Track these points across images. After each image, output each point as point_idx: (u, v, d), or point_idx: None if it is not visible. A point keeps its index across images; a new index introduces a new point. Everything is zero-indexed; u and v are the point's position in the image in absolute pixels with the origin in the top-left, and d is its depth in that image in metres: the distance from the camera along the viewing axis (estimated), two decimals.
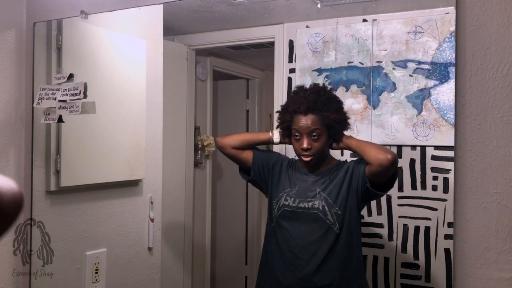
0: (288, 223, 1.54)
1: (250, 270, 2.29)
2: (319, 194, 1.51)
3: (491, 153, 1.18)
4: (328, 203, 1.49)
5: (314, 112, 1.49)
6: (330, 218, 1.48)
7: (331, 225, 1.48)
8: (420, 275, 1.53)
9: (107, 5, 1.74)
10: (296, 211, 1.52)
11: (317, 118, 1.49)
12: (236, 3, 1.81)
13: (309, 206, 1.51)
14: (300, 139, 1.51)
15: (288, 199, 1.55)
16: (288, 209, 1.54)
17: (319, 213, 1.49)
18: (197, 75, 2.14)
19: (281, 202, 1.56)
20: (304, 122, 1.50)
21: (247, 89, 2.31)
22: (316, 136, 1.49)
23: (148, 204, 1.97)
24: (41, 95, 1.76)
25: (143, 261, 1.98)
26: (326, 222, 1.48)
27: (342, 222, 1.48)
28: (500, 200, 1.18)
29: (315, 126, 1.49)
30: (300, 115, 1.51)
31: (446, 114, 1.49)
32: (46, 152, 1.82)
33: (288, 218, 1.54)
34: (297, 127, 1.51)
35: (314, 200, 1.51)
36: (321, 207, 1.49)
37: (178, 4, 1.67)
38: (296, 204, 1.53)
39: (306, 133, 1.50)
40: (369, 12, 1.63)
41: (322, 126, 1.49)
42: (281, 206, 1.55)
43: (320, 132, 1.49)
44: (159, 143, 2.00)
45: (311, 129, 1.49)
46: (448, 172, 1.46)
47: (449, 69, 1.49)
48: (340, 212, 1.48)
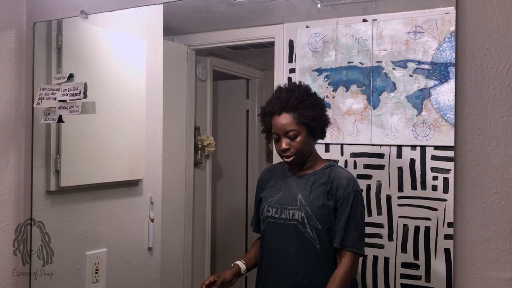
0: (270, 235, 1.52)
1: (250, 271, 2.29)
2: (300, 202, 1.47)
3: (491, 153, 1.18)
4: (307, 215, 1.44)
5: (288, 111, 1.46)
6: (309, 231, 1.44)
7: (310, 239, 1.44)
8: (420, 275, 1.53)
9: (107, 5, 1.73)
10: (278, 223, 1.49)
11: (292, 117, 1.45)
12: (236, 3, 1.81)
13: (289, 217, 1.47)
14: (279, 140, 1.48)
15: (270, 209, 1.52)
16: (272, 221, 1.51)
17: (299, 225, 1.45)
18: (197, 75, 2.14)
19: (264, 213, 1.53)
20: (279, 122, 1.47)
21: (247, 89, 2.31)
22: (293, 135, 1.46)
23: (148, 204, 1.97)
24: (41, 95, 1.76)
25: (143, 261, 1.98)
26: (306, 236, 1.44)
27: (322, 237, 1.44)
28: (500, 200, 1.18)
29: (291, 125, 1.45)
30: (275, 115, 1.48)
31: (446, 114, 1.49)
32: (46, 152, 1.82)
33: (270, 229, 1.51)
34: (274, 128, 1.49)
35: (295, 210, 1.46)
36: (300, 218, 1.45)
37: (178, 4, 1.66)
38: (278, 215, 1.49)
39: (283, 134, 1.46)
40: (369, 12, 1.63)
41: (298, 124, 1.45)
42: (265, 218, 1.53)
43: (297, 131, 1.45)
44: (159, 143, 2.00)
45: (287, 129, 1.46)
46: (448, 172, 1.46)
47: (449, 69, 1.49)
48: (319, 226, 1.44)
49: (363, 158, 1.63)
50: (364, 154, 1.63)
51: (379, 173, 1.59)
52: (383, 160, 1.59)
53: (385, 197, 1.57)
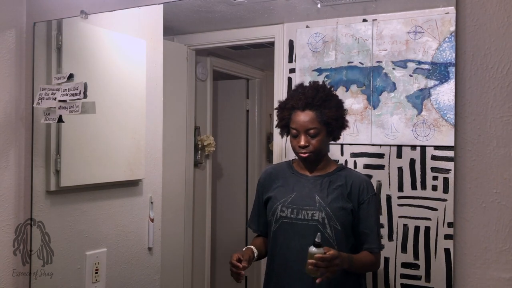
0: (285, 236, 1.49)
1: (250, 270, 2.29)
2: (319, 204, 1.46)
3: (491, 153, 1.18)
4: (328, 215, 1.44)
5: (312, 108, 1.46)
6: (329, 232, 1.44)
7: (329, 239, 1.44)
8: (420, 275, 1.53)
9: (107, 5, 1.73)
10: (295, 223, 1.48)
11: (315, 115, 1.46)
12: (236, 3, 1.81)
13: (308, 217, 1.46)
14: (298, 136, 1.48)
15: (285, 210, 1.50)
16: (287, 221, 1.49)
17: (319, 225, 1.44)
18: (197, 75, 2.14)
19: (277, 214, 1.51)
20: (301, 118, 1.47)
21: (247, 89, 2.31)
22: (313, 133, 1.46)
23: (148, 204, 1.97)
24: (41, 95, 1.76)
25: (143, 261, 1.98)
26: (325, 236, 1.43)
27: (340, 238, 1.44)
28: (500, 200, 1.18)
29: (313, 122, 1.46)
30: (298, 111, 1.48)
31: (446, 114, 1.49)
32: (46, 152, 1.82)
33: (285, 230, 1.49)
34: (295, 124, 1.48)
35: (314, 211, 1.46)
36: (320, 219, 1.44)
37: (178, 4, 1.66)
38: (295, 215, 1.48)
39: (304, 130, 1.46)
40: (369, 12, 1.63)
41: (320, 123, 1.46)
42: (278, 218, 1.51)
43: (318, 130, 1.46)
44: (159, 143, 2.00)
45: (309, 126, 1.46)
46: (448, 172, 1.46)
47: (449, 69, 1.49)
48: (339, 227, 1.44)
49: (363, 158, 1.63)
50: (364, 154, 1.63)
51: (379, 173, 1.59)
52: (383, 160, 1.59)
53: (385, 197, 1.57)
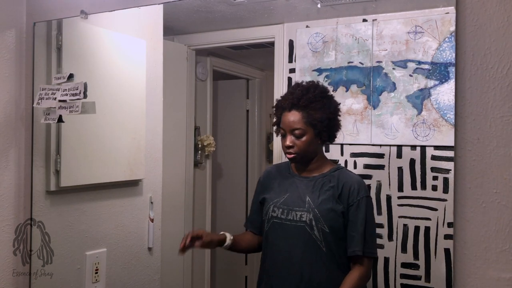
0: (275, 236, 1.50)
1: (250, 270, 2.30)
2: (308, 204, 1.45)
3: (491, 153, 1.18)
4: (316, 217, 1.43)
5: (299, 109, 1.45)
6: (317, 234, 1.43)
7: (317, 242, 1.43)
8: (420, 275, 1.53)
9: (107, 5, 1.73)
10: (284, 224, 1.47)
11: (301, 116, 1.44)
12: (236, 3, 1.81)
13: (297, 218, 1.45)
14: (285, 136, 1.47)
15: (276, 210, 1.49)
16: (277, 221, 1.49)
17: (306, 226, 1.44)
18: (197, 75, 2.14)
19: (269, 214, 1.51)
20: (287, 119, 1.46)
21: (247, 89, 2.31)
22: (299, 134, 1.44)
23: (148, 204, 1.97)
24: (41, 95, 1.76)
25: (143, 261, 1.98)
26: (312, 238, 1.43)
27: (329, 241, 1.43)
28: (500, 200, 1.18)
29: (298, 123, 1.44)
30: (285, 111, 1.47)
31: (446, 114, 1.49)
32: (46, 152, 1.82)
33: (276, 230, 1.49)
34: (282, 123, 1.48)
35: (302, 212, 1.45)
36: (308, 220, 1.43)
37: (178, 4, 1.66)
38: (285, 216, 1.47)
39: (289, 130, 1.45)
40: (369, 12, 1.63)
41: (306, 124, 1.44)
42: (270, 218, 1.51)
43: (304, 130, 1.44)
44: (159, 143, 2.00)
45: (293, 127, 1.45)
46: (448, 172, 1.46)
47: (449, 69, 1.49)
48: (327, 230, 1.43)
49: (363, 158, 1.63)
50: (364, 154, 1.63)
51: (379, 173, 1.59)
52: (383, 160, 1.59)
53: (385, 197, 1.57)
